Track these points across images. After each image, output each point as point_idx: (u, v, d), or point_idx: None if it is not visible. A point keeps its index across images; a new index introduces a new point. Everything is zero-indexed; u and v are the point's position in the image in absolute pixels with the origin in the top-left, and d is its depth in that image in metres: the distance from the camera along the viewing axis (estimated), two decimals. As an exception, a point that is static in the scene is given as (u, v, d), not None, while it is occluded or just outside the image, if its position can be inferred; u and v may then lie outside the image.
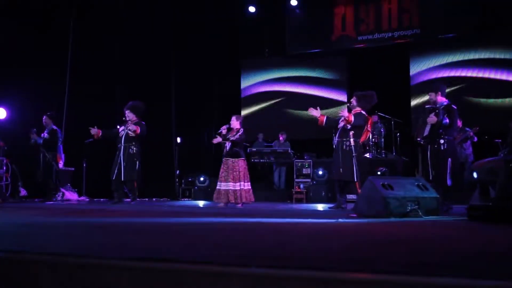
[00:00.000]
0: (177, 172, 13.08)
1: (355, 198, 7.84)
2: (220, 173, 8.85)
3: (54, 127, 10.49)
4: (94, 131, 9.41)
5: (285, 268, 1.82)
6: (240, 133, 8.78)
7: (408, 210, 5.25)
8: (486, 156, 5.73)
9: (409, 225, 4.49)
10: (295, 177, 11.98)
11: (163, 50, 13.28)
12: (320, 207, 8.88)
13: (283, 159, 12.75)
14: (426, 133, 7.10)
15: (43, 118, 10.44)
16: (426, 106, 7.43)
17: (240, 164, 8.78)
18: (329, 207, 8.07)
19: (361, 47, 14.48)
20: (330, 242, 3.11)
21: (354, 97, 8.02)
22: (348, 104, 8.10)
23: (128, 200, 9.82)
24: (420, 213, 5.25)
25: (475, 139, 11.42)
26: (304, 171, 11.91)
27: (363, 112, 7.88)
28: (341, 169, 7.70)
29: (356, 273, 1.72)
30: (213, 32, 14.41)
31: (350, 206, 7.67)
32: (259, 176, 14.23)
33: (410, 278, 1.64)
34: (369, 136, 11.98)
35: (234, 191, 8.64)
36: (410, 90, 13.72)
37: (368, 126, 7.95)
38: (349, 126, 7.71)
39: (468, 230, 4.15)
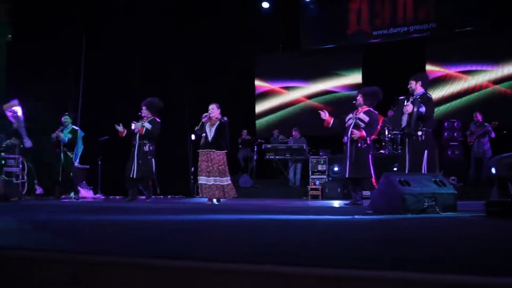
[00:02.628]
0: (192, 169, 13.10)
1: (369, 194, 7.81)
2: (201, 166, 8.39)
3: (75, 127, 10.54)
4: (120, 128, 9.37)
5: (299, 266, 1.80)
6: (225, 123, 8.41)
7: (425, 206, 5.19)
8: (504, 151, 5.64)
9: (426, 221, 4.45)
10: (310, 173, 11.94)
11: (176, 47, 13.30)
12: (336, 203, 8.84)
13: (298, 155, 12.72)
14: (404, 123, 6.92)
15: (67, 117, 10.46)
16: (399, 98, 7.18)
17: (225, 158, 8.39)
18: (345, 204, 8.02)
19: (377, 42, 14.39)
20: (346, 239, 3.09)
21: (360, 95, 7.89)
22: (354, 102, 7.97)
23: (143, 197, 9.86)
24: (438, 209, 5.19)
25: (493, 134, 11.31)
26: (320, 167, 11.87)
27: (373, 110, 7.82)
28: (353, 166, 7.65)
29: (371, 270, 1.70)
30: (226, 28, 14.41)
31: (366, 202, 7.64)
32: (274, 173, 14.23)
33: (426, 276, 1.62)
34: (386, 131, 11.93)
35: (222, 186, 8.26)
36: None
37: (379, 124, 7.92)
38: (362, 124, 7.64)
39: (486, 227, 4.10)
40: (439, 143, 12.37)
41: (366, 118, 7.66)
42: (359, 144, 7.63)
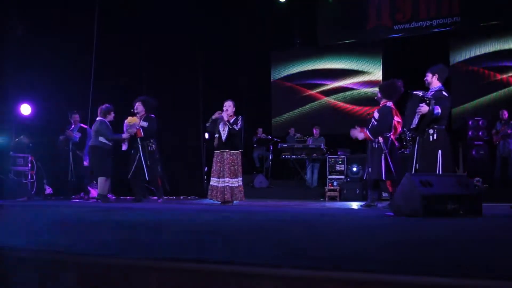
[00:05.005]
0: (206, 169, 13.12)
1: (386, 196, 7.82)
2: (213, 167, 8.42)
3: (84, 126, 10.66)
4: (133, 130, 9.38)
5: (319, 269, 1.82)
6: (240, 122, 8.37)
7: (447, 208, 5.17)
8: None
9: (448, 224, 4.43)
10: (328, 174, 11.91)
11: (190, 43, 13.31)
12: (355, 205, 8.84)
13: (315, 155, 12.70)
14: (414, 124, 6.73)
15: (75, 116, 10.57)
16: (413, 92, 6.92)
17: (239, 157, 8.36)
18: (360, 206, 8.06)
19: (397, 37, 14.31)
20: (366, 242, 3.10)
21: (378, 90, 7.98)
22: (375, 98, 8.02)
23: (155, 198, 9.94)
24: (461, 212, 5.16)
25: (520, 134, 11.21)
26: (338, 167, 11.82)
27: (388, 104, 7.72)
28: (369, 168, 7.69)
29: (392, 274, 1.71)
30: (241, 23, 14.41)
31: (381, 204, 7.67)
32: (290, 173, 14.21)
33: (450, 281, 1.63)
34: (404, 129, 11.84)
35: (232, 187, 8.22)
36: (450, 81, 13.50)
37: (395, 117, 7.66)
38: (375, 123, 7.66)
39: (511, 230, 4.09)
40: (464, 142, 12.34)
41: (377, 115, 7.68)
42: (374, 144, 7.66)
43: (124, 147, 9.53)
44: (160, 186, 9.71)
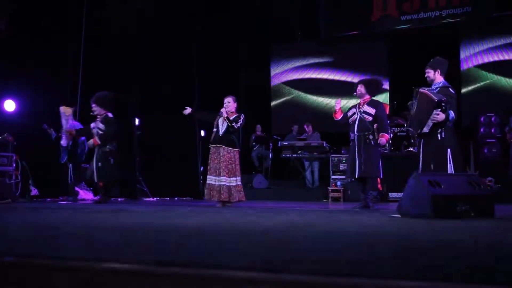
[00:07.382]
0: (201, 168, 13.12)
1: (375, 194, 7.85)
2: (210, 164, 8.41)
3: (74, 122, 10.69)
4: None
5: (319, 274, 1.82)
6: (240, 121, 8.42)
7: (458, 210, 5.17)
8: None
9: (458, 227, 4.44)
10: (331, 173, 11.91)
11: (186, 37, 13.30)
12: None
13: (317, 153, 12.70)
14: (426, 130, 6.61)
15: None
16: (420, 90, 6.80)
17: (236, 156, 8.38)
18: (353, 208, 8.02)
19: (405, 28, 14.31)
20: (373, 246, 3.10)
21: (361, 85, 7.94)
22: (354, 94, 8.04)
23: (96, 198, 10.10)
24: (472, 214, 5.16)
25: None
26: (341, 167, 11.82)
27: (375, 99, 7.95)
28: (363, 165, 7.61)
29: (393, 280, 1.72)
30: (240, 15, 14.41)
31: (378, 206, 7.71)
32: (291, 173, 14.22)
33: (452, 285, 1.64)
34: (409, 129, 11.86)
35: (229, 187, 8.23)
36: (460, 76, 13.52)
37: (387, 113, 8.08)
38: (369, 118, 7.66)
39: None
40: (475, 140, 12.34)
41: (372, 110, 7.68)
42: (368, 141, 7.65)
43: (64, 142, 9.61)
44: (102, 190, 9.66)
